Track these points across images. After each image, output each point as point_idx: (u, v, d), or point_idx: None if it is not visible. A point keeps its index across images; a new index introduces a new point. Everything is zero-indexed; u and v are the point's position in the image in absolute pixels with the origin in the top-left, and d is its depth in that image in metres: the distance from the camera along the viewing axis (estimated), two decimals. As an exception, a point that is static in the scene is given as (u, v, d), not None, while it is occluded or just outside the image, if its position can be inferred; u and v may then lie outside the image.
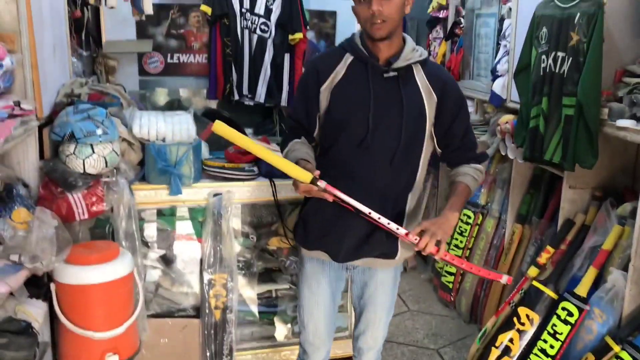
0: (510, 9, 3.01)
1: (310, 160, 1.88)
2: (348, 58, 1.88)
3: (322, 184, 1.75)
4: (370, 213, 1.79)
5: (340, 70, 1.87)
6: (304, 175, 1.75)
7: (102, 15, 3.48)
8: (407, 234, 1.79)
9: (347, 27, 4.23)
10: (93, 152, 2.25)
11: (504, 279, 1.88)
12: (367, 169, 1.87)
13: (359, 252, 1.94)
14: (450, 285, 3.55)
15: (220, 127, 1.79)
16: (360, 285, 2.10)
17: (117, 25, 3.54)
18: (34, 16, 2.16)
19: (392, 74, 1.84)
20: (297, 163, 1.81)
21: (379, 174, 1.88)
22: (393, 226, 1.80)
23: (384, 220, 1.80)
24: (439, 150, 1.97)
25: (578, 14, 2.31)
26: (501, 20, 3.19)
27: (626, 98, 2.27)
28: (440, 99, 1.88)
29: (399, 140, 1.84)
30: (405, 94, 1.84)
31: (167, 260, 2.76)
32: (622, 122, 2.22)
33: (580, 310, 2.38)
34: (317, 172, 1.78)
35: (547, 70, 2.49)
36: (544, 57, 2.51)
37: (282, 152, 1.99)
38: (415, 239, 1.77)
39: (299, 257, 2.15)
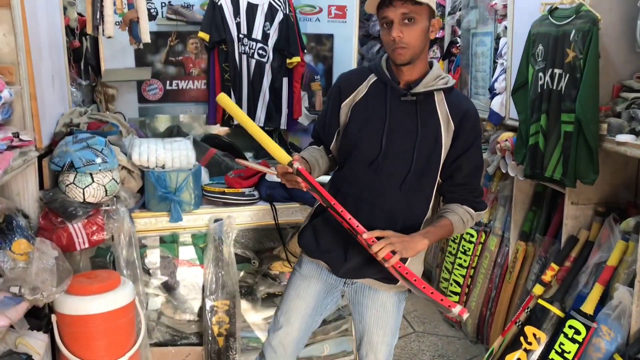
0: (505, 27, 3.03)
1: (308, 159, 1.93)
2: (372, 78, 1.91)
3: (296, 164, 1.76)
4: (342, 211, 1.76)
5: (362, 89, 1.91)
6: (283, 157, 1.78)
7: (101, 45, 3.49)
8: (362, 233, 1.72)
9: (344, 49, 4.25)
10: (93, 181, 2.25)
11: (456, 309, 1.68)
12: (376, 190, 1.87)
13: (361, 271, 1.91)
14: (456, 305, 3.51)
15: (223, 99, 1.89)
16: (362, 307, 2.02)
17: (116, 53, 3.56)
18: (32, 48, 2.18)
19: (409, 98, 1.84)
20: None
21: (388, 197, 1.86)
22: (354, 222, 1.75)
23: (353, 222, 1.75)
24: (439, 180, 1.91)
25: (573, 31, 2.32)
26: (497, 38, 3.21)
27: (624, 113, 2.27)
28: (458, 128, 1.86)
29: (409, 165, 1.83)
30: (421, 119, 1.84)
31: (169, 288, 2.75)
32: (621, 137, 2.22)
33: (588, 328, 2.36)
34: (297, 158, 1.80)
35: (545, 87, 2.49)
36: (541, 74, 2.52)
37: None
38: (373, 241, 1.71)
39: (298, 259, 2.12)
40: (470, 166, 1.88)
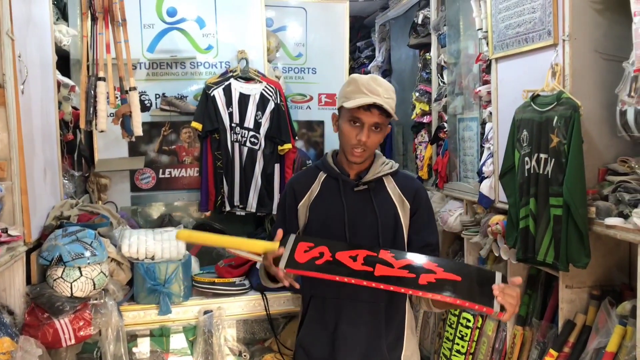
0: (490, 113, 3.10)
1: None
2: (322, 176, 1.95)
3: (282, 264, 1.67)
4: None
5: (315, 188, 1.94)
6: (271, 245, 1.69)
7: (95, 136, 3.56)
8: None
9: (335, 135, 4.34)
10: (81, 274, 2.23)
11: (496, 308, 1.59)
12: (351, 285, 1.79)
13: None
14: (455, 394, 3.40)
15: (183, 235, 1.81)
16: None
17: (110, 144, 3.62)
18: (25, 143, 2.21)
19: (362, 187, 1.90)
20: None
21: (365, 288, 1.76)
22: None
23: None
24: None
25: (555, 117, 2.38)
26: (483, 123, 3.28)
27: (611, 196, 2.29)
28: (413, 206, 1.93)
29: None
30: (377, 204, 1.89)
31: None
32: (610, 221, 2.22)
33: (591, 418, 2.27)
34: (279, 235, 1.73)
35: (532, 171, 2.53)
36: (527, 158, 2.56)
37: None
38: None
39: None
40: (435, 239, 1.95)
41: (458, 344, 3.43)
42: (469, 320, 3.39)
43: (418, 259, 1.70)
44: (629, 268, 2.61)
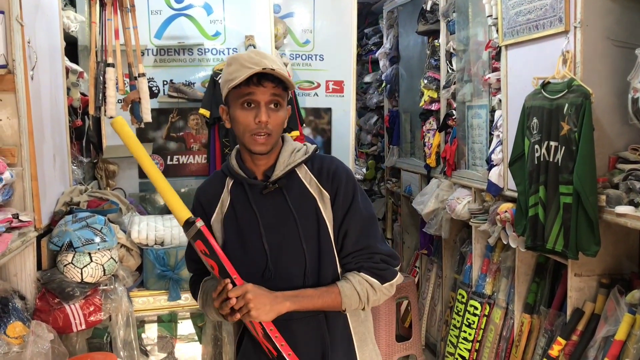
0: (500, 100, 3.09)
1: None
2: (229, 182, 1.63)
3: (199, 223, 1.45)
4: (235, 278, 1.45)
5: (225, 198, 1.62)
6: (181, 212, 1.47)
7: (103, 122, 3.56)
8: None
9: (342, 122, 4.34)
10: (91, 260, 2.24)
11: None
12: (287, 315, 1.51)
13: None
14: (462, 381, 3.41)
15: (118, 122, 1.50)
16: None
17: (118, 130, 3.62)
18: (35, 129, 2.22)
19: (272, 188, 1.57)
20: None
21: None
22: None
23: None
24: (332, 255, 1.60)
25: (566, 105, 2.36)
26: (492, 111, 3.26)
27: (622, 185, 2.29)
28: (332, 194, 1.59)
29: (304, 259, 1.56)
30: (293, 205, 1.57)
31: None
32: (620, 209, 2.22)
33: (599, 405, 2.28)
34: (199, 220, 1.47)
35: (542, 159, 2.52)
36: (537, 146, 2.55)
37: (197, 299, 1.68)
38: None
39: None
40: (357, 227, 1.59)
41: (465, 332, 3.44)
42: (476, 308, 3.40)
43: None
44: (639, 256, 2.60)
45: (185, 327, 2.70)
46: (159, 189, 1.51)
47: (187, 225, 1.46)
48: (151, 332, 2.65)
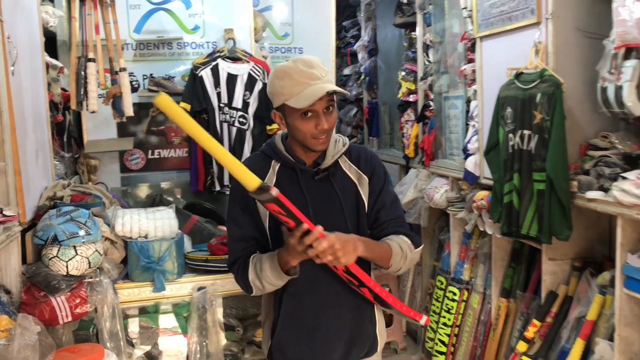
0: (475, 91, 3.16)
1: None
2: (275, 165, 1.80)
3: (273, 191, 1.49)
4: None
5: (271, 178, 1.78)
6: (249, 179, 1.50)
7: (84, 117, 3.57)
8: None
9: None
10: (76, 253, 2.27)
11: (423, 319, 1.79)
12: (327, 273, 1.76)
13: (349, 356, 1.85)
14: (442, 365, 3.50)
15: (163, 101, 1.43)
16: None
17: (99, 125, 3.64)
18: (17, 124, 2.23)
19: (323, 175, 1.78)
20: (275, 261, 1.68)
21: (336, 275, 1.77)
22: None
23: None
24: (367, 232, 1.83)
25: (539, 95, 2.44)
26: (468, 101, 3.33)
27: (593, 171, 2.37)
28: (369, 176, 1.84)
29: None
30: (339, 189, 1.79)
31: (152, 358, 2.72)
32: (591, 194, 2.30)
33: (572, 383, 2.37)
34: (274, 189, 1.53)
35: (516, 147, 2.59)
36: (511, 135, 2.63)
37: (246, 281, 1.75)
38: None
39: None
40: (390, 201, 1.85)
41: (444, 317, 3.53)
42: (454, 294, 3.48)
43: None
44: (609, 240, 2.69)
45: (167, 320, 2.73)
46: (222, 161, 1.54)
47: (261, 190, 1.50)
48: (135, 326, 2.68)
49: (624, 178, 2.20)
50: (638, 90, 2.20)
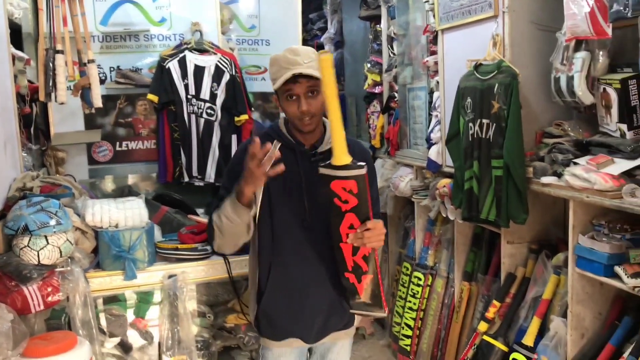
0: (437, 82, 3.26)
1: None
2: (277, 144, 1.87)
3: (363, 169, 1.75)
4: None
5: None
6: (345, 154, 1.74)
7: (51, 110, 3.57)
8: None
9: (290, 106, 4.44)
10: (47, 243, 2.29)
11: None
12: (313, 246, 1.98)
13: (327, 327, 2.05)
14: (409, 348, 3.61)
15: (328, 59, 1.70)
16: (323, 356, 2.18)
17: (66, 117, 3.63)
18: (-15, 116, 2.24)
19: (319, 157, 1.95)
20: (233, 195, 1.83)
21: (326, 252, 1.94)
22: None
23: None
24: None
25: (496, 85, 2.55)
26: (431, 92, 3.44)
27: (547, 157, 2.49)
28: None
29: None
30: None
31: (126, 347, 2.76)
32: (545, 179, 2.43)
33: (529, 359, 2.50)
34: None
35: (475, 136, 2.70)
36: (470, 124, 2.73)
37: (210, 223, 1.95)
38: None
39: (260, 348, 2.16)
40: (375, 196, 2.04)
41: (410, 302, 3.64)
42: (420, 279, 3.60)
43: None
44: (564, 223, 2.83)
45: (138, 310, 2.78)
46: (337, 129, 1.74)
47: (351, 166, 1.73)
48: (106, 311, 2.72)
49: (575, 163, 2.32)
50: (587, 80, 2.33)
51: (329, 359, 2.16)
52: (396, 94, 3.91)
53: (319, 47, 5.72)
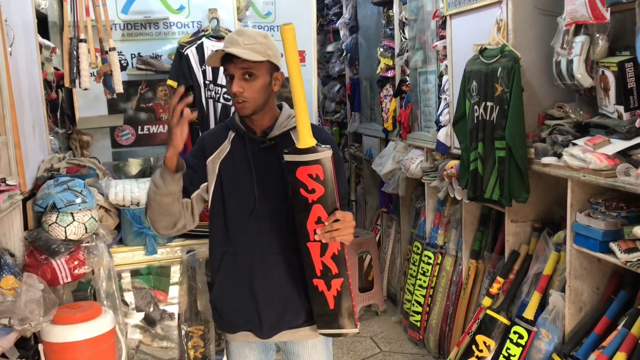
0: (446, 66, 3.35)
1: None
2: (231, 135, 1.91)
3: (329, 152, 1.69)
4: None
5: (225, 147, 1.90)
6: (310, 138, 1.70)
7: (75, 95, 3.73)
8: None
9: (308, 91, 4.56)
10: (74, 219, 2.46)
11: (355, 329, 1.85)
12: (263, 236, 1.87)
13: (281, 323, 1.89)
14: (418, 324, 3.74)
15: (288, 29, 1.67)
16: (295, 356, 1.99)
17: (90, 103, 3.79)
18: (15, 101, 2.40)
19: (268, 143, 1.86)
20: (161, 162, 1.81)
21: (276, 242, 1.87)
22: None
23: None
24: None
25: (500, 69, 2.64)
26: (440, 76, 3.53)
27: (548, 138, 2.58)
28: None
29: (285, 206, 1.84)
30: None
31: (150, 320, 2.93)
32: (546, 160, 2.52)
33: (529, 332, 2.61)
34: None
35: (480, 118, 2.80)
36: (476, 107, 2.83)
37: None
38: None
39: (224, 341, 2.08)
40: (343, 188, 1.90)
41: (420, 279, 3.76)
42: (429, 258, 3.71)
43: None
44: (566, 202, 2.92)
45: (164, 282, 2.94)
46: (300, 108, 1.71)
47: (316, 149, 1.70)
48: (128, 284, 2.88)
49: (574, 144, 2.41)
50: (587, 64, 2.41)
51: (300, 358, 1.97)
52: (408, 78, 4.00)
53: (335, 32, 5.81)
